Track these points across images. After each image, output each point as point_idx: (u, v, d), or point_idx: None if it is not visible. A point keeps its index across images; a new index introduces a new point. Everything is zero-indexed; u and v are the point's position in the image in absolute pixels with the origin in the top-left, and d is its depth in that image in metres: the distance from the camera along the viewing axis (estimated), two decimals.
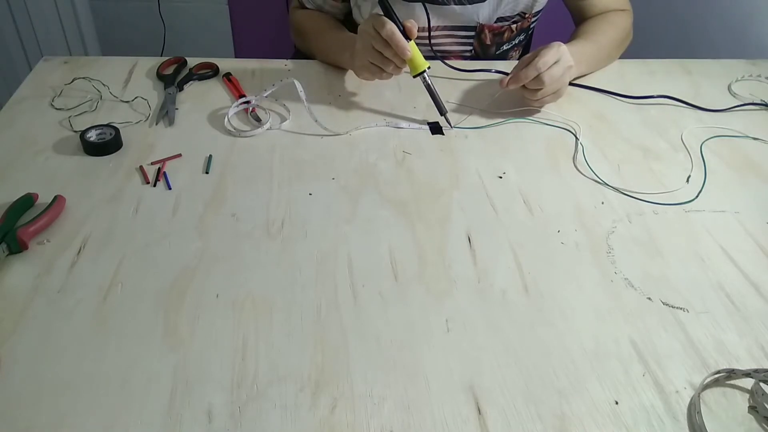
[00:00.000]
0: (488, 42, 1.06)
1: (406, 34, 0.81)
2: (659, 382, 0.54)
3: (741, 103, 0.95)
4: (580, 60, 0.91)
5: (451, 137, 0.86)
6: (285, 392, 0.52)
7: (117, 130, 0.80)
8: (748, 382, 0.54)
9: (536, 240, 0.69)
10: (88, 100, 0.89)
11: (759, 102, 0.96)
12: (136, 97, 0.91)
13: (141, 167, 0.77)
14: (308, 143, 0.83)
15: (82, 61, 0.99)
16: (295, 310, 0.59)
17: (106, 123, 0.82)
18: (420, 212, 0.72)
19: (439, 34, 1.02)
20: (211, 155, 0.80)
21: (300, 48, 1.11)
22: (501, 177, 0.79)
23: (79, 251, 0.65)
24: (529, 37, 1.17)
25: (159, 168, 0.77)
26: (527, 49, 1.20)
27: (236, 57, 1.86)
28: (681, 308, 0.62)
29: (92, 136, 0.79)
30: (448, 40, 1.04)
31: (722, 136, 0.88)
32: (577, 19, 1.08)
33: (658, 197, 0.76)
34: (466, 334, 0.58)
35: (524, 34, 1.10)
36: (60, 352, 0.54)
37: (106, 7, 1.93)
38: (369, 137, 0.85)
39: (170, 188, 0.74)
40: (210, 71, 0.98)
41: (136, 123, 0.85)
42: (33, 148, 0.79)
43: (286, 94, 0.91)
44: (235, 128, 0.85)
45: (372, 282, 0.63)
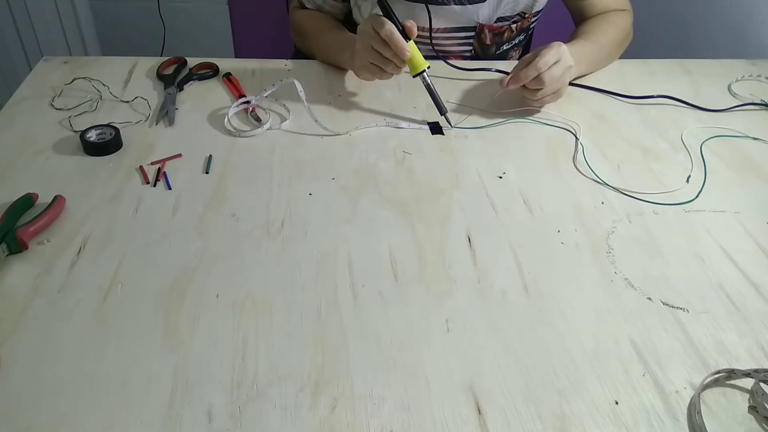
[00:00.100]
0: (488, 42, 1.06)
1: (406, 34, 0.82)
2: (659, 382, 0.54)
3: (741, 103, 0.95)
4: (580, 60, 0.91)
5: (451, 137, 0.86)
6: (285, 392, 0.52)
7: (117, 130, 0.80)
8: (748, 382, 0.54)
9: (536, 240, 0.69)
10: (88, 100, 0.89)
11: (759, 102, 0.96)
12: (136, 97, 0.91)
13: (141, 167, 0.77)
14: (308, 143, 0.83)
15: (82, 61, 0.99)
16: (295, 310, 0.59)
17: (106, 123, 0.82)
18: (420, 212, 0.72)
19: (439, 35, 1.02)
20: (211, 155, 0.80)
21: (300, 48, 1.11)
22: (501, 177, 0.79)
23: (79, 251, 0.65)
24: (529, 37, 1.17)
25: (159, 168, 0.77)
26: (527, 49, 1.20)
27: (236, 57, 1.86)
28: (681, 308, 0.62)
29: (92, 136, 0.79)
30: (448, 41, 1.04)
31: (722, 136, 0.88)
32: (577, 19, 1.08)
33: (658, 197, 0.76)
34: (466, 334, 0.58)
35: (524, 34, 1.10)
36: (60, 352, 0.54)
37: (106, 7, 1.93)
38: (369, 137, 0.85)
39: (170, 188, 0.74)
40: (210, 71, 0.98)
41: (136, 123, 0.85)
42: (33, 148, 0.79)
43: (286, 94, 0.91)
44: (235, 128, 0.85)
45: (372, 282, 0.63)
